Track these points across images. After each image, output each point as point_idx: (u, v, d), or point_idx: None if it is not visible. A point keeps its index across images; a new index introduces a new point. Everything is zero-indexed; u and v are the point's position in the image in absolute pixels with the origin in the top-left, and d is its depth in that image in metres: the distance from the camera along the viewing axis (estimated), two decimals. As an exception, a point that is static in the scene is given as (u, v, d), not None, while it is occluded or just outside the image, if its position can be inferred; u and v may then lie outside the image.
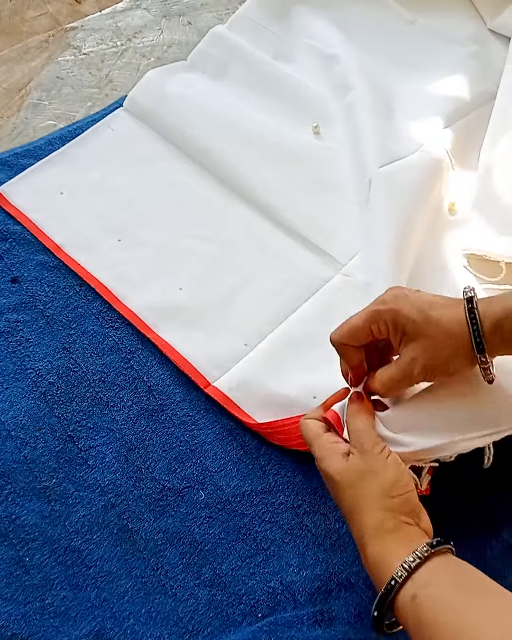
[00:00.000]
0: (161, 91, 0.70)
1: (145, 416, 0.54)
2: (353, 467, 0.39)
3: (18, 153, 0.67)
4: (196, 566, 0.48)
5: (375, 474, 0.38)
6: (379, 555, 0.36)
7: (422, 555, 0.34)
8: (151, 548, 0.49)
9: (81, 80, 0.74)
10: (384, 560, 0.36)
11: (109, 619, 0.46)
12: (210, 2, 0.80)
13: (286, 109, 0.69)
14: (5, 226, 0.63)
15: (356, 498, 0.38)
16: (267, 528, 0.49)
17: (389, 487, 0.38)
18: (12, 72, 0.75)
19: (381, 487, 0.38)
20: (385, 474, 0.38)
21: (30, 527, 0.49)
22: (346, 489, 0.39)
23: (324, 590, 0.47)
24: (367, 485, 0.38)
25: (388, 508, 0.37)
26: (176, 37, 0.78)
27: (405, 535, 0.37)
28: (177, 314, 0.58)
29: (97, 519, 0.50)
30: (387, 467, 0.39)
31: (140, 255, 0.62)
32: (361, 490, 0.38)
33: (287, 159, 0.65)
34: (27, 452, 0.52)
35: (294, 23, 0.75)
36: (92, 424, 0.53)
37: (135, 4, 0.81)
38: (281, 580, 0.47)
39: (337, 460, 0.40)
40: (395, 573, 0.34)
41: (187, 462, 0.52)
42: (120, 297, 0.59)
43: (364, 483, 0.38)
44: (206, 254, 0.62)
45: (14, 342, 0.57)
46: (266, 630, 0.45)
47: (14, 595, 0.47)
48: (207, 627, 0.46)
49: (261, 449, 0.52)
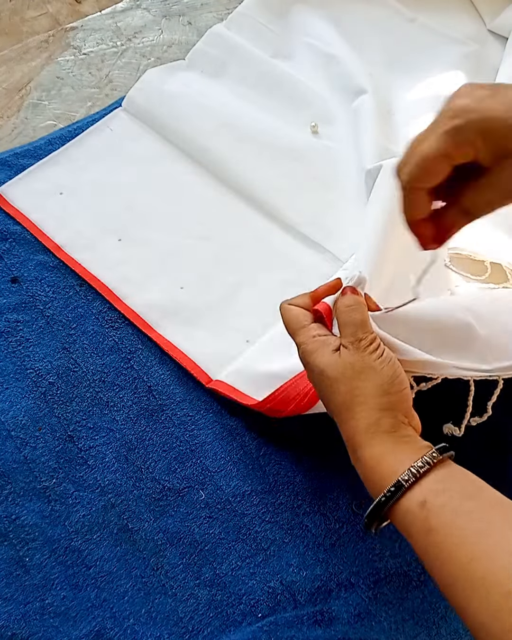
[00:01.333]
0: (159, 90, 0.70)
1: (145, 416, 0.54)
2: (348, 362, 0.36)
3: (18, 153, 0.67)
4: (196, 566, 0.48)
5: (373, 370, 0.36)
6: (379, 455, 0.34)
7: (431, 460, 0.33)
8: (151, 548, 0.49)
9: (81, 80, 0.74)
10: (383, 461, 0.34)
11: (109, 619, 0.46)
12: (210, 2, 0.80)
13: (284, 108, 0.69)
14: (5, 226, 0.63)
15: (351, 395, 0.36)
16: (267, 528, 0.49)
17: (388, 383, 0.36)
18: (12, 72, 0.75)
19: (379, 383, 0.35)
20: (382, 370, 0.36)
21: (30, 527, 0.49)
22: (340, 385, 0.36)
23: (324, 590, 0.47)
24: (365, 381, 0.35)
25: (386, 406, 0.35)
26: (176, 37, 0.78)
27: (403, 436, 0.35)
28: (178, 313, 0.58)
29: (97, 519, 0.50)
30: (383, 363, 0.36)
31: (141, 255, 0.62)
32: (357, 386, 0.36)
33: (286, 157, 0.66)
34: (27, 452, 0.52)
35: (293, 21, 0.75)
36: (92, 424, 0.53)
37: (135, 4, 0.81)
38: (281, 580, 0.47)
39: (328, 354, 0.37)
40: (401, 477, 0.32)
41: (187, 462, 0.52)
42: (122, 297, 0.59)
43: (361, 379, 0.36)
44: (207, 253, 0.62)
45: (14, 342, 0.57)
46: (265, 630, 0.45)
47: (14, 595, 0.47)
48: (207, 627, 0.46)
49: (261, 449, 0.52)
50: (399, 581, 0.47)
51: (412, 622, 0.46)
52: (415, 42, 0.73)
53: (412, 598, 0.46)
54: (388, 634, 0.45)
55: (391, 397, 0.35)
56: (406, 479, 0.32)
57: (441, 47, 0.72)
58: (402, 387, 0.36)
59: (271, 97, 0.70)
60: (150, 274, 0.61)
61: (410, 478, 0.32)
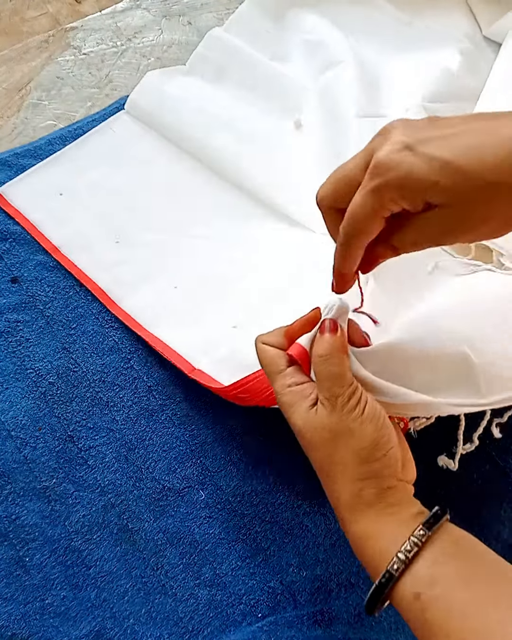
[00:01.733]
0: (161, 93, 0.70)
1: (145, 416, 0.54)
2: (323, 424, 0.33)
3: (18, 153, 0.67)
4: (196, 566, 0.48)
5: (351, 434, 0.32)
6: (364, 533, 0.32)
7: (420, 540, 0.30)
8: (151, 548, 0.49)
9: (81, 80, 0.74)
10: (370, 540, 0.32)
11: (109, 619, 0.46)
12: (210, 2, 0.80)
13: (282, 109, 0.69)
14: (5, 226, 0.63)
15: (328, 463, 0.33)
16: (267, 528, 0.49)
17: (368, 450, 0.32)
18: (12, 72, 0.75)
19: (358, 451, 0.32)
20: (362, 433, 0.32)
21: (30, 527, 0.49)
22: (316, 450, 0.33)
23: (324, 590, 0.47)
24: (343, 448, 0.32)
25: (368, 475, 0.32)
26: (176, 37, 0.78)
27: (389, 506, 0.32)
28: (172, 313, 0.58)
29: (97, 519, 0.50)
30: (364, 425, 0.32)
31: (137, 256, 0.62)
32: (333, 453, 0.32)
33: (286, 156, 0.66)
34: (27, 452, 0.52)
35: (290, 24, 0.76)
36: (92, 424, 0.53)
37: (135, 4, 0.81)
38: (280, 580, 0.47)
39: (304, 411, 0.33)
40: (390, 567, 0.30)
41: (187, 462, 0.52)
42: (116, 300, 0.59)
43: (339, 444, 0.32)
44: (205, 252, 0.62)
45: (14, 342, 0.57)
46: (265, 630, 0.45)
47: (14, 595, 0.47)
48: (207, 627, 0.46)
49: (261, 449, 0.52)
50: (399, 581, 0.47)
51: (412, 622, 0.46)
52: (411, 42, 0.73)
53: (412, 598, 0.46)
54: (388, 634, 0.45)
55: (373, 464, 0.32)
56: (396, 568, 0.30)
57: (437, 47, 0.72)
58: (387, 448, 0.33)
59: (270, 100, 0.70)
60: (145, 275, 0.61)
61: (399, 567, 0.30)
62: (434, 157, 0.27)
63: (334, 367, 0.33)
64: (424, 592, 0.29)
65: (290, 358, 0.36)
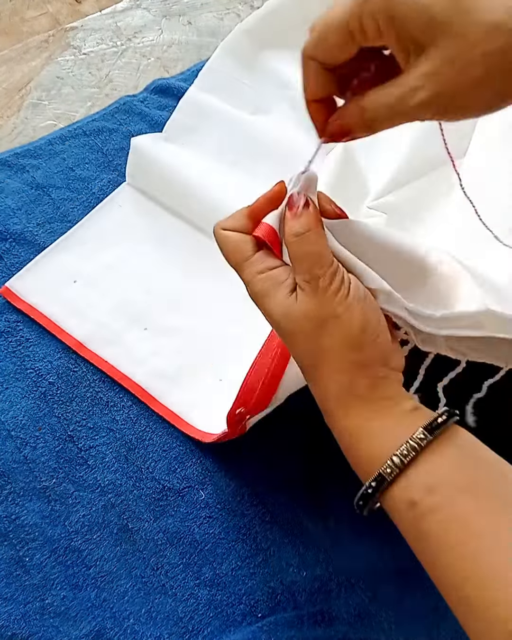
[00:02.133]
0: (152, 163, 0.64)
1: (145, 416, 0.54)
2: (306, 310, 0.29)
3: (18, 153, 0.67)
4: (196, 566, 0.48)
5: (337, 320, 0.29)
6: (355, 430, 0.29)
7: (418, 445, 0.27)
8: (151, 548, 0.49)
9: (81, 80, 0.74)
10: (362, 438, 0.29)
11: (109, 619, 0.46)
12: (210, 2, 0.80)
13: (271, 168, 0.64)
14: (5, 226, 0.62)
15: (312, 354, 0.29)
16: (267, 528, 0.49)
17: (357, 335, 0.29)
18: (12, 72, 0.75)
19: (346, 337, 0.29)
20: (349, 317, 0.29)
21: (30, 527, 0.49)
22: (300, 341, 0.30)
23: (324, 590, 0.47)
24: (329, 336, 0.29)
25: (358, 364, 0.29)
26: (176, 37, 0.78)
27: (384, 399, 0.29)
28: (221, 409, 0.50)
29: (97, 519, 0.50)
30: (351, 308, 0.29)
31: (171, 344, 0.56)
32: (318, 343, 0.29)
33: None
34: (27, 452, 0.52)
35: (265, 70, 0.70)
36: (92, 424, 0.53)
37: (135, 4, 0.81)
38: (281, 580, 0.47)
39: (281, 299, 0.29)
40: (382, 469, 0.27)
41: (187, 462, 0.52)
42: (157, 396, 0.54)
43: (324, 332, 0.29)
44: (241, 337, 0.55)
45: (14, 342, 0.57)
46: (265, 630, 0.45)
47: (14, 595, 0.47)
48: (207, 627, 0.46)
49: (261, 449, 0.52)
50: (399, 581, 0.47)
51: (412, 622, 0.46)
52: None
53: (412, 598, 0.46)
54: (388, 634, 0.45)
55: (364, 351, 0.29)
56: (389, 471, 0.27)
57: None
58: (377, 332, 0.29)
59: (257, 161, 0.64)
60: (185, 366, 0.55)
61: (393, 470, 0.27)
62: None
63: (311, 245, 0.29)
64: (420, 501, 0.26)
65: (258, 240, 0.31)
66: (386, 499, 0.28)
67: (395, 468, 0.27)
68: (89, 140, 0.69)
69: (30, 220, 0.63)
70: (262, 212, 0.32)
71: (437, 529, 0.26)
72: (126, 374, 0.55)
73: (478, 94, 0.24)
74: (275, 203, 0.32)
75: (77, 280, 0.60)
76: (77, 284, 0.60)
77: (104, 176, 0.67)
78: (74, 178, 0.66)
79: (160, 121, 0.69)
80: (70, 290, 0.59)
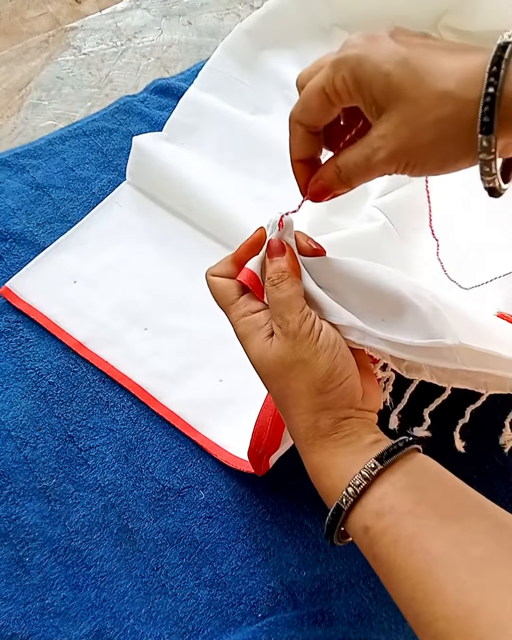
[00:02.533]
0: (153, 162, 0.64)
1: (145, 416, 0.54)
2: (277, 356, 0.31)
3: (18, 153, 0.67)
4: (196, 566, 0.48)
5: (303, 366, 0.31)
6: (319, 465, 0.31)
7: (369, 474, 0.29)
8: (151, 548, 0.49)
9: (81, 80, 0.74)
10: (323, 472, 0.31)
11: (109, 619, 0.46)
12: (210, 2, 0.80)
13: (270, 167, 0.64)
14: (5, 227, 0.63)
15: (283, 396, 0.32)
16: (267, 528, 0.49)
17: (323, 380, 0.31)
18: (12, 72, 0.75)
19: (312, 381, 0.31)
20: (315, 363, 0.31)
21: (30, 527, 0.49)
22: (271, 383, 0.32)
23: (324, 590, 0.47)
24: (295, 380, 0.31)
25: (322, 407, 0.31)
26: (176, 37, 0.78)
27: (345, 436, 0.31)
28: (220, 410, 0.52)
29: (97, 519, 0.50)
30: (318, 354, 0.31)
31: (172, 345, 0.56)
32: (287, 385, 0.31)
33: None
34: (27, 452, 0.52)
35: (265, 70, 0.70)
36: (92, 424, 0.53)
37: (135, 4, 0.81)
38: (281, 580, 0.47)
39: (259, 343, 0.32)
40: (339, 499, 0.29)
41: (187, 462, 0.52)
42: (157, 397, 0.54)
43: (291, 376, 0.31)
44: None
45: (14, 342, 0.57)
46: (265, 630, 0.45)
47: (14, 595, 0.47)
48: (207, 627, 0.46)
49: (261, 449, 0.52)
50: (399, 581, 0.47)
51: (412, 622, 0.46)
52: None
53: (412, 598, 0.46)
54: (388, 634, 0.45)
55: (328, 395, 0.31)
56: (344, 501, 0.29)
57: None
58: (342, 379, 0.31)
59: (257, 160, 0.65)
60: (185, 366, 0.55)
61: (348, 500, 0.29)
62: (398, 51, 0.26)
63: (283, 292, 0.32)
64: (372, 526, 0.28)
65: (242, 285, 0.34)
66: (348, 527, 0.30)
67: (349, 497, 0.29)
68: (89, 140, 0.69)
69: (30, 221, 0.63)
70: (245, 258, 0.34)
71: (386, 551, 0.28)
72: (126, 374, 0.55)
73: (432, 156, 0.27)
74: (255, 249, 0.34)
75: (77, 280, 0.60)
76: (77, 284, 0.60)
77: (104, 176, 0.67)
78: (74, 178, 0.66)
79: (160, 121, 0.69)
80: (70, 290, 0.59)
